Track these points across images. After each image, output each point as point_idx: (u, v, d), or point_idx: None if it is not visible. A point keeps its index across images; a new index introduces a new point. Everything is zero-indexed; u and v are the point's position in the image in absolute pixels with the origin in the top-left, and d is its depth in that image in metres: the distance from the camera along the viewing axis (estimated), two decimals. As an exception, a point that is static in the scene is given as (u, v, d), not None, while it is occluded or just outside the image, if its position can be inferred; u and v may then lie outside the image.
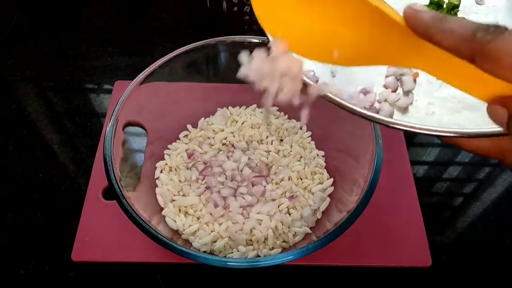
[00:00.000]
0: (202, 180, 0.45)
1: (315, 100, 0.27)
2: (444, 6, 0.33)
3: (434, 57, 0.22)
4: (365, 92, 0.31)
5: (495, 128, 0.23)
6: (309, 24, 0.25)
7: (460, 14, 0.33)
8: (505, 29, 0.18)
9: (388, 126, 0.26)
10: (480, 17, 0.33)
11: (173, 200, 0.43)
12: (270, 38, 0.27)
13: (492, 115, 0.22)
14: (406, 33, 0.22)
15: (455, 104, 0.29)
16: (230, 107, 0.51)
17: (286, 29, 0.26)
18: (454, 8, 0.33)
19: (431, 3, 0.34)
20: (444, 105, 0.29)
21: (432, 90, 0.30)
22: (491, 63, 0.18)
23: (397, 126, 0.26)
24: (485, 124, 0.26)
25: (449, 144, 0.28)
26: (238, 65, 0.26)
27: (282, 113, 0.51)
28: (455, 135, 0.25)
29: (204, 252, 0.39)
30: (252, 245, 0.40)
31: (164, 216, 0.42)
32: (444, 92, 0.30)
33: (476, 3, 0.34)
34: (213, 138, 0.48)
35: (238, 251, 0.39)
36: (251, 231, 0.40)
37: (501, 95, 0.21)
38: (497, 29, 0.18)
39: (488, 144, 0.27)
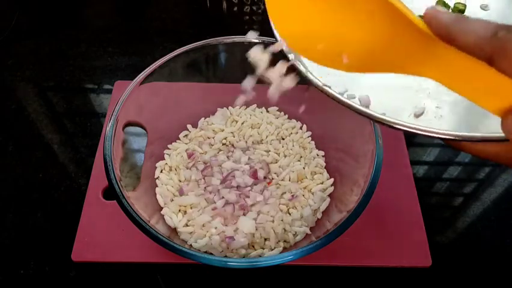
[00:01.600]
0: (202, 180, 0.45)
1: (316, 101, 0.27)
2: (450, 11, 0.33)
3: (449, 65, 0.22)
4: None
5: (498, 133, 0.23)
6: (320, 25, 0.25)
7: None
8: None
9: (385, 124, 0.26)
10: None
11: (172, 200, 0.43)
12: (278, 37, 0.28)
13: (503, 127, 0.21)
14: (421, 37, 0.22)
15: (464, 108, 0.29)
16: (230, 107, 0.51)
17: (296, 32, 0.26)
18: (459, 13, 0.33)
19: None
20: (452, 109, 0.29)
21: (441, 94, 0.30)
22: (510, 61, 0.19)
23: (397, 126, 0.26)
24: (493, 128, 0.25)
25: (455, 148, 0.28)
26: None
27: (282, 113, 0.51)
28: (455, 138, 0.25)
29: (204, 252, 0.39)
30: (252, 245, 0.40)
31: (163, 216, 0.42)
32: (452, 96, 0.30)
33: (481, 8, 0.34)
34: (213, 138, 0.48)
35: (238, 251, 0.39)
36: (251, 231, 0.40)
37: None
38: None
39: (498, 149, 0.26)
